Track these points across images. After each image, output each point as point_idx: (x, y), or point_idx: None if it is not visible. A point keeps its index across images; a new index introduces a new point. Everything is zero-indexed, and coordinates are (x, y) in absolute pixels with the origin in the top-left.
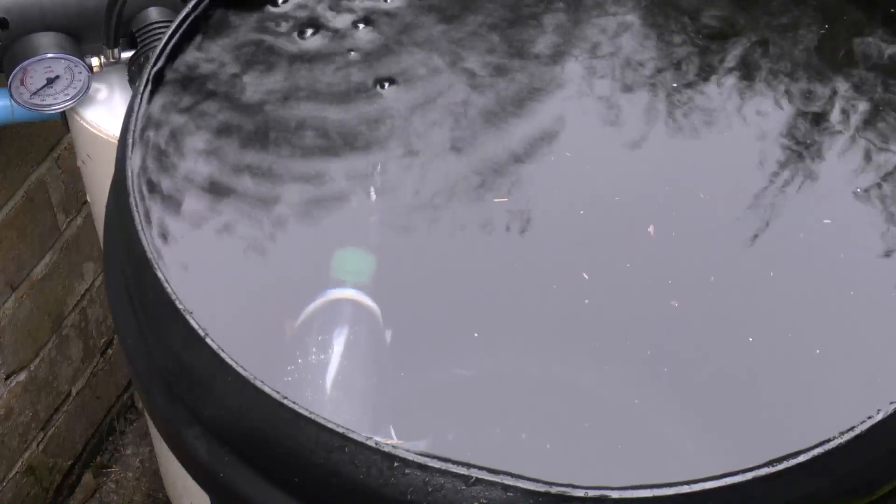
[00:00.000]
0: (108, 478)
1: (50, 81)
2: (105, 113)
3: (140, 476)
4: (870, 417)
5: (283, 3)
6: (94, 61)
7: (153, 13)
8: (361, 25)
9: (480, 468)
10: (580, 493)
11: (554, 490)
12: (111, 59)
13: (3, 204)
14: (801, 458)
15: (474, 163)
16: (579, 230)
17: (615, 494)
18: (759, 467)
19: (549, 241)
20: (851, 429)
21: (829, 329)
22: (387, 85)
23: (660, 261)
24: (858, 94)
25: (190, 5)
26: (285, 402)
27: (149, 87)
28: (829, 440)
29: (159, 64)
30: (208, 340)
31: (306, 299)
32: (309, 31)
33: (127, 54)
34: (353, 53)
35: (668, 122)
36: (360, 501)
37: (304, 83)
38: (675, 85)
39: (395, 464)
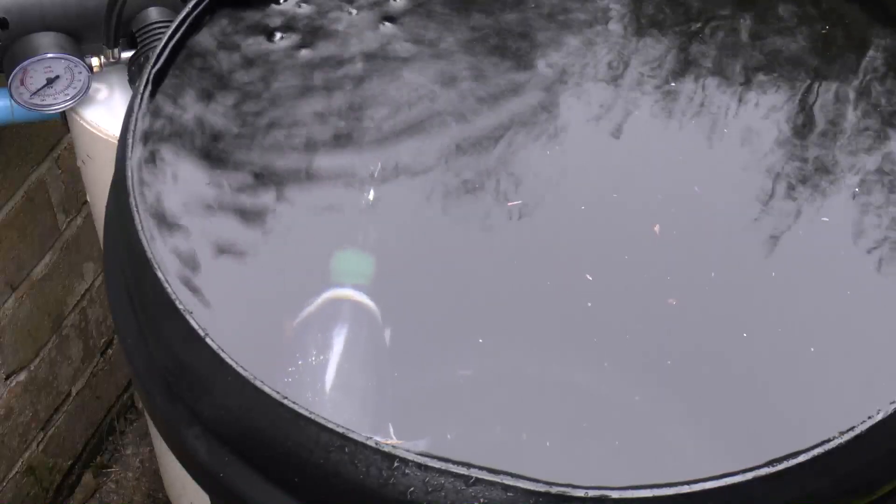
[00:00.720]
0: (108, 478)
1: (50, 81)
2: (105, 113)
3: (140, 476)
4: (870, 417)
5: (284, 1)
6: (94, 61)
7: (153, 13)
8: (363, 22)
9: (480, 468)
10: (580, 493)
11: (554, 490)
12: (111, 59)
13: (3, 204)
14: (801, 458)
15: (474, 162)
16: (578, 228)
17: (615, 494)
18: (759, 467)
19: (548, 239)
20: (851, 429)
21: (829, 328)
22: (386, 85)
23: (659, 259)
24: (857, 92)
25: (190, 5)
26: (285, 402)
27: (149, 87)
28: (829, 440)
29: (159, 64)
30: (208, 340)
31: (306, 299)
32: (309, 31)
33: (127, 54)
34: (353, 51)
35: (667, 120)
36: (360, 501)
37: (305, 83)
38: (673, 84)
39: (395, 464)
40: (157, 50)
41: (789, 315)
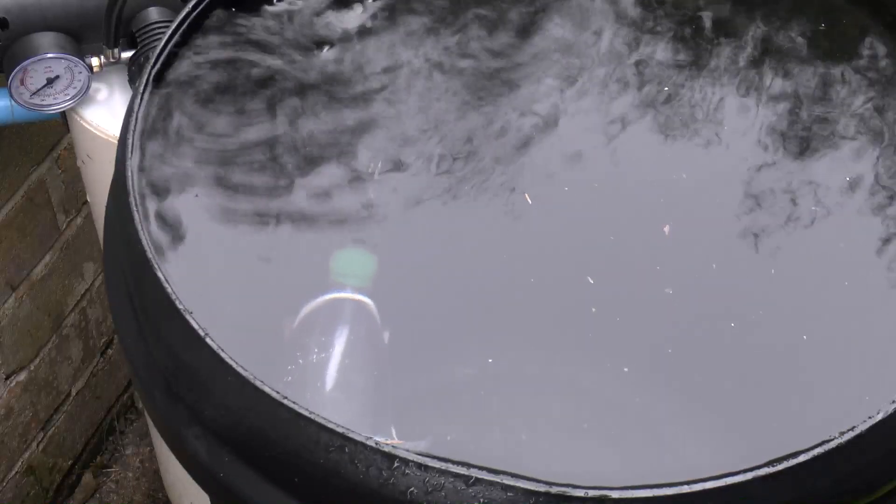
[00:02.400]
0: (108, 478)
1: (50, 81)
2: (105, 113)
3: (140, 476)
4: (870, 417)
5: (280, 1)
6: (94, 61)
7: (153, 13)
8: (360, 23)
9: (480, 468)
10: (580, 493)
11: (554, 490)
12: (111, 59)
13: (3, 204)
14: (801, 458)
15: (474, 162)
16: (577, 227)
17: (615, 494)
18: (759, 467)
19: (547, 238)
20: (851, 429)
21: (829, 328)
22: (384, 84)
23: (659, 259)
24: (855, 90)
25: (190, 5)
26: (285, 401)
27: (149, 87)
28: (829, 440)
29: (159, 64)
30: (208, 340)
31: (306, 299)
32: (308, 31)
33: (127, 54)
34: (353, 51)
35: (665, 117)
36: (360, 501)
37: (304, 84)
38: (666, 89)
39: (395, 464)
40: (157, 50)
41: (789, 315)
